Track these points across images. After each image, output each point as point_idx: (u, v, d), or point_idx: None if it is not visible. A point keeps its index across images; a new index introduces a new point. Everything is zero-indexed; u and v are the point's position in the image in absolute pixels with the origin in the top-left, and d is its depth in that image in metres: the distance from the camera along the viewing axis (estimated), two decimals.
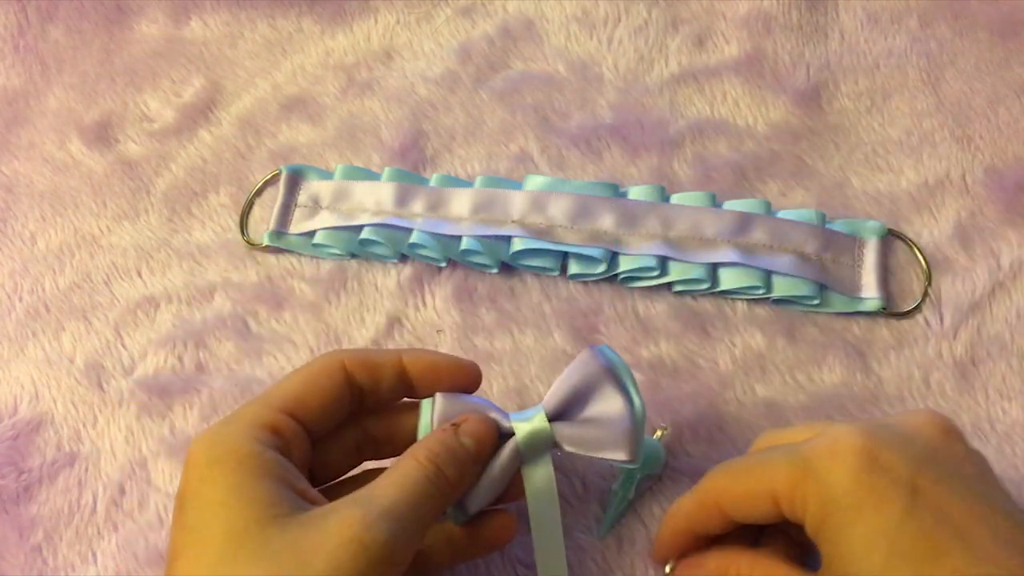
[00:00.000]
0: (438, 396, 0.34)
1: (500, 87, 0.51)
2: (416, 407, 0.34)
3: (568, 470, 0.40)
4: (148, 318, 0.45)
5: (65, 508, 0.41)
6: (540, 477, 0.34)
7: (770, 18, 0.52)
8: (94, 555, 0.40)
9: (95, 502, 0.41)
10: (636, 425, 0.33)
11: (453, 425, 0.32)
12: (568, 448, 0.33)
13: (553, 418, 0.33)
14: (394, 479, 0.30)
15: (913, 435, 0.29)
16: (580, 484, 0.40)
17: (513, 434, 0.33)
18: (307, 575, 0.26)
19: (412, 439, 0.33)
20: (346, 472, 0.35)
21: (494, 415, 0.33)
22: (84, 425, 0.43)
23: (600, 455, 0.33)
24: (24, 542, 0.40)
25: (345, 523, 0.27)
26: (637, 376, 0.43)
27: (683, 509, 0.34)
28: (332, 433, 0.34)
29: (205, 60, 0.53)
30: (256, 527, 0.27)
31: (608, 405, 0.33)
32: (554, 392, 0.34)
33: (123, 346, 0.45)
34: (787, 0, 0.52)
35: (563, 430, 0.33)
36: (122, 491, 0.41)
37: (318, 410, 0.32)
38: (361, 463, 0.35)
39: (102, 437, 0.42)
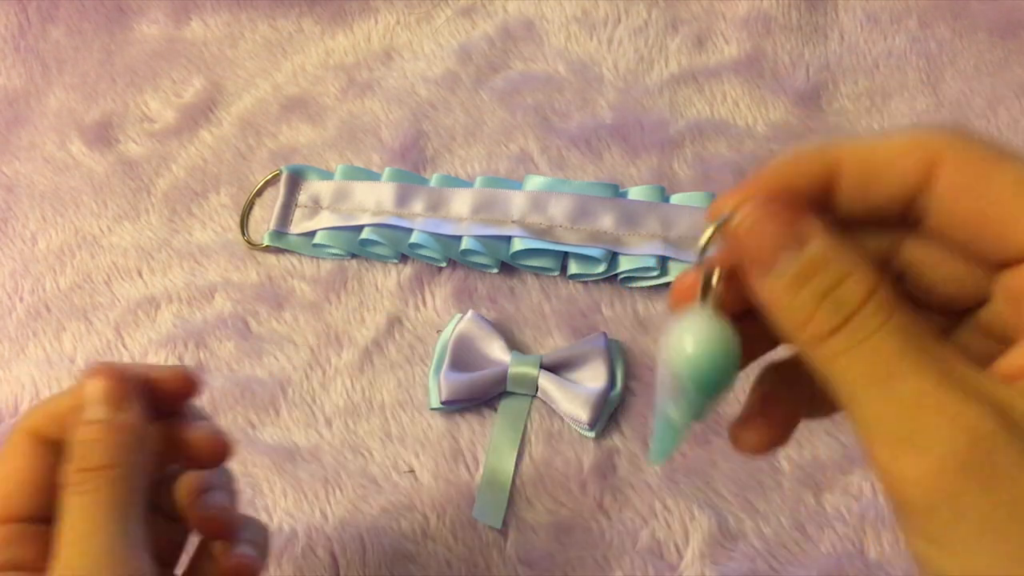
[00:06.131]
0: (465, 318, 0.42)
1: (500, 87, 0.51)
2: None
3: (571, 462, 0.40)
4: (149, 318, 0.45)
5: None
6: (515, 404, 0.41)
7: (770, 18, 0.52)
8: None
9: None
10: (608, 400, 0.41)
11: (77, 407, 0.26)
12: (543, 395, 0.41)
13: (546, 367, 0.41)
14: (64, 520, 0.25)
15: None
16: (578, 486, 0.40)
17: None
18: None
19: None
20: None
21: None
22: None
23: (566, 411, 0.40)
24: None
25: None
26: None
27: (789, 157, 0.22)
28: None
29: (205, 60, 0.53)
30: None
31: (592, 375, 0.41)
32: (557, 351, 0.42)
33: (124, 346, 0.45)
34: (787, 1, 0.52)
35: (546, 379, 0.41)
36: None
37: (26, 497, 0.26)
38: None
39: None
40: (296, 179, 0.48)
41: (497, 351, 0.42)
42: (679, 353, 0.22)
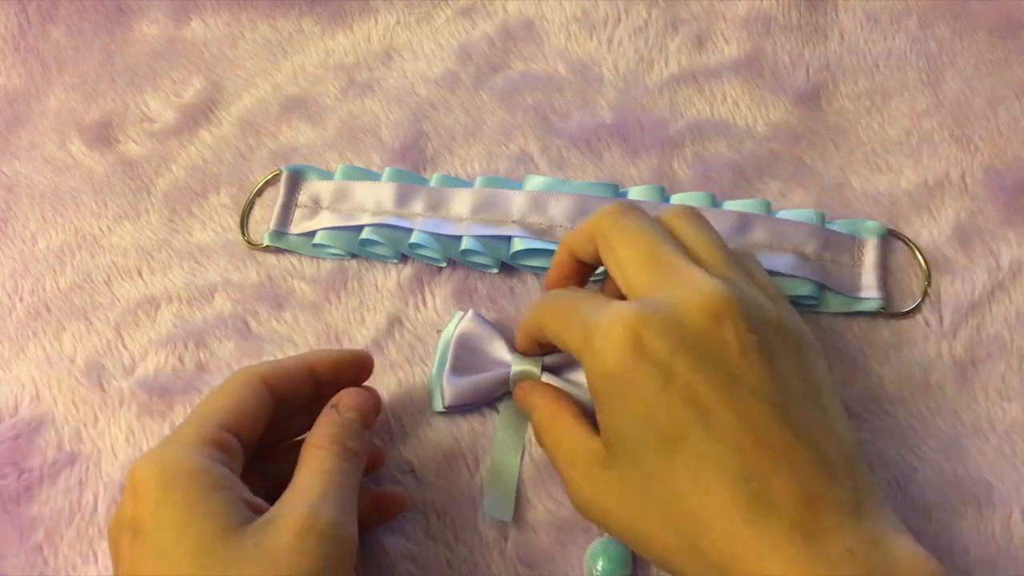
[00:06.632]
0: (466, 316, 0.42)
1: (500, 87, 0.51)
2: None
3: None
4: (149, 318, 0.45)
5: (66, 508, 0.41)
6: (516, 404, 0.40)
7: (770, 18, 0.52)
8: (95, 555, 0.40)
9: (96, 502, 0.41)
10: None
11: (332, 407, 0.35)
12: None
13: (548, 369, 0.40)
14: (313, 470, 0.32)
15: (681, 318, 0.30)
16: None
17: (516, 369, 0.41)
18: (281, 572, 0.29)
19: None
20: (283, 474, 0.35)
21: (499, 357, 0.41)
22: (85, 425, 0.43)
23: None
24: (25, 542, 0.40)
25: (296, 519, 0.30)
26: None
27: (525, 326, 0.39)
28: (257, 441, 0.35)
29: (205, 60, 0.53)
30: (221, 539, 0.29)
31: None
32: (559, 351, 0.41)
33: (124, 346, 0.45)
34: (787, 0, 0.52)
35: (548, 380, 0.40)
36: (123, 491, 0.41)
37: (250, 423, 0.34)
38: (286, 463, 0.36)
39: (103, 437, 0.43)
40: (296, 179, 0.48)
41: (499, 351, 0.42)
42: (591, 571, 0.37)
